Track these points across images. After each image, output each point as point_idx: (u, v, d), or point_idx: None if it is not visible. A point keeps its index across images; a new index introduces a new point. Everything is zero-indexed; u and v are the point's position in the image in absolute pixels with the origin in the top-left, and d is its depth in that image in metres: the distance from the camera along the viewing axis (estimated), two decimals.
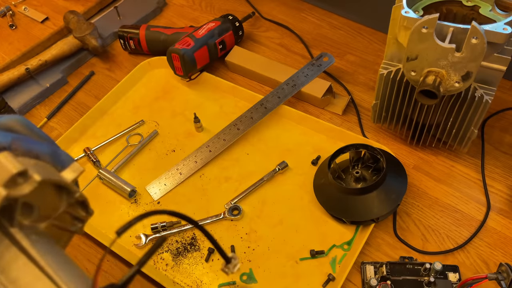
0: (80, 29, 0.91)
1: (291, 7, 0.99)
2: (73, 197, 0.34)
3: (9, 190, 0.28)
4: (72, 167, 0.34)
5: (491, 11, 0.61)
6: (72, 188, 0.33)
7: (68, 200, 0.34)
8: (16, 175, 0.28)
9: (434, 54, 0.56)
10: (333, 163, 0.66)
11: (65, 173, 0.33)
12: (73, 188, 0.33)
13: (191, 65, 0.81)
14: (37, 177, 0.29)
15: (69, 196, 0.34)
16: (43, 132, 0.37)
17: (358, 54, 0.89)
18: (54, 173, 0.32)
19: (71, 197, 0.34)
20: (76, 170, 0.34)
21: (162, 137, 0.79)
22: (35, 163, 0.31)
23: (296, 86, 0.79)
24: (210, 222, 0.67)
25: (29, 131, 0.35)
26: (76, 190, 0.34)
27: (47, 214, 0.32)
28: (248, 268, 0.63)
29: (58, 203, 0.33)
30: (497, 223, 0.65)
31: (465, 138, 0.67)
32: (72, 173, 0.33)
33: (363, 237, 0.63)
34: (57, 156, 0.34)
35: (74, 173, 0.34)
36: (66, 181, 0.33)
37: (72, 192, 0.34)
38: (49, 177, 0.30)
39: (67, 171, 0.34)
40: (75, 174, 0.34)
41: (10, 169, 0.28)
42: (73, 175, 0.33)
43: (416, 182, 0.70)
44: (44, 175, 0.30)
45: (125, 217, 0.69)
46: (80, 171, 0.34)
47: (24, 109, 0.85)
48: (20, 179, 0.28)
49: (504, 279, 0.49)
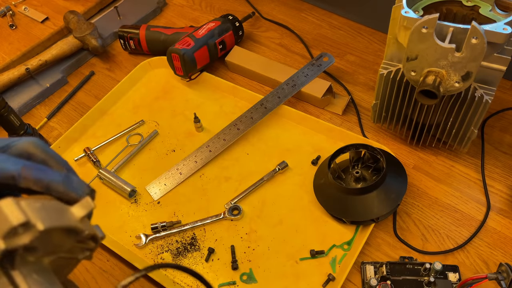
0: (80, 29, 0.91)
1: (291, 7, 0.99)
2: (81, 236, 0.32)
3: (8, 241, 0.26)
4: (82, 203, 0.32)
5: (491, 11, 0.61)
6: (80, 228, 0.32)
7: (76, 238, 0.32)
8: (17, 227, 0.27)
9: (434, 54, 0.56)
10: (333, 163, 0.66)
11: (74, 209, 0.32)
12: (81, 228, 0.32)
13: (191, 65, 0.81)
14: (40, 226, 0.28)
15: (77, 234, 0.32)
16: (59, 156, 0.35)
17: (358, 54, 0.89)
18: (62, 217, 0.30)
19: (79, 236, 0.32)
20: (86, 207, 0.32)
21: (162, 137, 0.79)
22: (41, 205, 0.29)
23: (296, 86, 0.79)
24: (210, 222, 0.67)
25: (44, 154, 0.34)
26: (84, 229, 0.32)
27: (53, 251, 0.31)
28: (248, 268, 0.63)
29: (64, 241, 0.32)
30: (497, 223, 0.65)
31: (465, 138, 0.67)
32: (81, 210, 0.32)
33: (363, 237, 0.63)
34: (70, 184, 0.33)
35: (84, 209, 0.32)
36: (73, 225, 0.31)
37: (80, 232, 0.32)
38: (54, 224, 0.29)
39: (77, 207, 0.32)
40: (84, 211, 0.32)
41: (11, 220, 0.27)
42: (82, 212, 0.32)
43: (416, 182, 0.70)
44: (48, 223, 0.28)
45: (125, 217, 0.69)
46: (90, 207, 0.32)
47: (24, 109, 0.85)
48: (21, 229, 0.27)
49: (504, 279, 0.49)
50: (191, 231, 0.67)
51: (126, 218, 0.69)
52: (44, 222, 0.28)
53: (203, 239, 0.66)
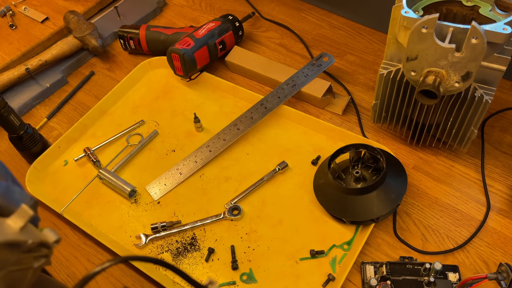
0: (80, 29, 0.91)
1: (291, 7, 0.99)
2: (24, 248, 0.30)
3: None
4: (19, 212, 0.30)
5: (491, 11, 0.61)
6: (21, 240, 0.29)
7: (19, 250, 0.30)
8: None
9: (434, 54, 0.56)
10: (333, 163, 0.66)
11: (10, 220, 0.29)
12: (22, 240, 0.29)
13: (191, 65, 0.81)
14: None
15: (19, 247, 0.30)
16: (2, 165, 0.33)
17: (358, 54, 0.89)
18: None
19: (22, 247, 0.30)
20: (24, 216, 0.30)
21: (162, 137, 0.79)
22: None
23: (296, 86, 0.79)
24: (210, 222, 0.67)
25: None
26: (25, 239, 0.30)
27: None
28: (248, 268, 0.63)
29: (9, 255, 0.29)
30: (497, 223, 0.65)
31: (465, 138, 0.67)
32: (18, 220, 0.29)
33: (363, 237, 0.63)
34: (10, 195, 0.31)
35: (21, 219, 0.30)
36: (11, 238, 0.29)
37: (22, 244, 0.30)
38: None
39: (13, 218, 0.29)
40: (22, 221, 0.30)
41: None
42: (20, 222, 0.30)
43: (416, 182, 0.70)
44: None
45: (125, 217, 0.69)
46: (28, 216, 0.30)
47: (24, 109, 0.85)
48: None
49: (504, 279, 0.49)
50: (191, 231, 0.67)
51: (126, 218, 0.69)
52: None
53: (203, 239, 0.66)
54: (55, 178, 0.74)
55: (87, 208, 0.71)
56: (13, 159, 0.79)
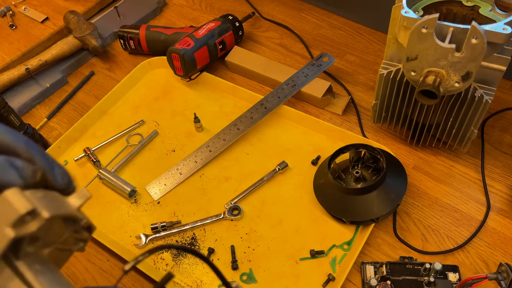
0: (80, 29, 0.91)
1: (291, 7, 0.99)
2: (79, 225, 0.33)
3: (17, 230, 0.27)
4: (79, 193, 0.33)
5: (491, 11, 0.61)
6: (79, 217, 0.33)
7: (73, 227, 0.33)
8: (25, 215, 0.27)
9: (434, 54, 0.56)
10: (333, 163, 0.66)
11: (71, 198, 0.33)
12: (79, 217, 0.33)
13: (191, 65, 0.81)
14: (46, 214, 0.28)
15: (74, 224, 0.33)
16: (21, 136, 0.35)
17: (358, 54, 0.89)
18: (62, 205, 0.31)
19: (77, 224, 0.33)
20: (83, 197, 0.33)
21: (162, 137, 0.79)
22: (43, 195, 0.30)
23: (296, 86, 0.79)
24: (210, 222, 0.67)
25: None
26: (82, 217, 0.33)
27: (51, 241, 0.31)
28: (248, 268, 0.63)
29: (63, 230, 0.32)
30: (497, 223, 0.65)
31: (465, 138, 0.67)
32: (78, 200, 0.33)
33: (363, 237, 0.63)
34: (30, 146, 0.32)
35: (81, 199, 0.33)
36: (73, 213, 0.32)
37: (78, 220, 0.33)
38: (57, 213, 0.29)
39: (74, 197, 0.33)
40: (81, 201, 0.33)
41: (18, 208, 0.27)
42: (79, 201, 0.33)
43: (416, 182, 0.70)
44: (52, 211, 0.29)
45: (125, 217, 0.69)
46: (87, 197, 0.33)
47: (24, 109, 0.85)
48: (28, 217, 0.28)
49: (504, 279, 0.49)
50: (191, 231, 0.67)
51: (126, 218, 0.69)
52: (49, 210, 0.29)
53: (203, 239, 0.66)
54: None
55: (87, 208, 0.71)
56: None
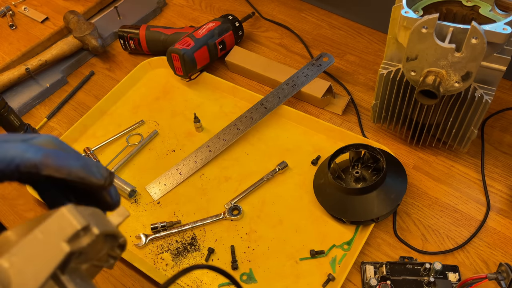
0: (80, 29, 0.91)
1: (291, 7, 0.99)
2: (117, 242, 0.34)
3: (71, 245, 0.28)
4: (118, 211, 0.35)
5: (491, 11, 0.61)
6: (119, 235, 0.34)
7: (111, 244, 0.34)
8: (80, 230, 0.29)
9: (434, 54, 0.56)
10: (333, 163, 0.66)
11: (112, 217, 0.34)
12: (119, 234, 0.34)
13: (191, 65, 0.81)
14: (96, 231, 0.30)
15: (113, 240, 0.34)
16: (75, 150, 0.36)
17: (358, 54, 0.89)
18: (107, 223, 0.33)
19: (115, 241, 0.34)
20: (122, 215, 0.35)
21: (162, 137, 0.79)
22: (91, 212, 0.31)
23: (296, 86, 0.79)
24: (210, 222, 0.67)
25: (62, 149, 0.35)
26: (121, 235, 0.34)
27: (91, 256, 0.32)
28: (248, 268, 0.63)
29: (103, 247, 0.33)
30: (497, 223, 0.65)
31: (465, 138, 0.67)
32: (118, 218, 0.34)
33: (363, 237, 0.63)
34: (89, 168, 0.34)
35: (120, 217, 0.35)
36: (116, 231, 0.33)
37: (118, 238, 0.34)
38: (105, 229, 0.31)
39: (114, 215, 0.34)
40: (121, 219, 0.34)
41: (75, 224, 0.28)
42: (119, 219, 0.34)
43: (416, 182, 0.70)
44: (101, 228, 0.30)
45: None
46: (125, 215, 0.35)
47: (24, 109, 0.85)
48: (82, 232, 0.29)
49: (504, 279, 0.49)
50: (191, 231, 0.67)
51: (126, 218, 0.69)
52: (98, 226, 0.30)
53: (203, 239, 0.66)
54: None
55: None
56: None
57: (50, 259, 0.27)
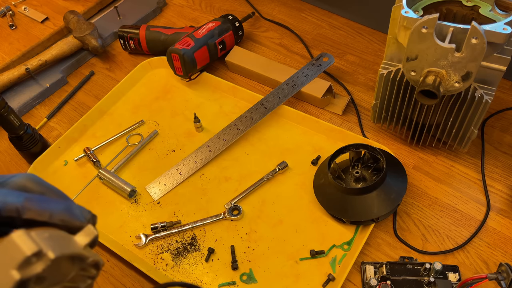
0: (80, 29, 0.91)
1: (291, 7, 0.99)
2: (85, 263, 0.33)
3: (22, 272, 0.27)
4: (85, 231, 0.33)
5: (491, 11, 0.61)
6: (85, 255, 0.33)
7: (80, 265, 0.33)
8: (30, 256, 0.28)
9: (434, 54, 0.56)
10: (333, 163, 0.66)
11: (78, 237, 0.33)
12: (86, 255, 0.33)
13: (191, 65, 0.81)
14: (51, 255, 0.29)
15: (82, 262, 0.33)
16: (55, 188, 0.36)
17: (358, 54, 0.89)
18: (68, 245, 0.32)
19: (83, 262, 0.33)
20: (90, 234, 0.33)
21: (162, 137, 0.79)
22: (49, 235, 0.30)
23: (296, 86, 0.79)
24: (210, 222, 0.67)
25: (42, 187, 0.35)
26: (88, 255, 0.33)
27: (59, 280, 0.32)
28: (248, 268, 0.63)
29: (70, 269, 0.33)
30: (497, 223, 0.65)
31: (465, 138, 0.67)
32: (85, 238, 0.33)
33: (363, 237, 0.63)
34: (71, 211, 0.34)
35: (87, 237, 0.33)
36: (80, 252, 0.32)
37: (85, 259, 0.33)
38: (63, 252, 0.30)
39: (80, 235, 0.33)
40: (88, 239, 0.33)
41: (24, 250, 0.28)
42: (86, 239, 0.33)
43: (416, 182, 0.70)
44: (58, 251, 0.29)
45: (125, 217, 0.69)
46: (93, 235, 0.34)
47: (24, 109, 0.85)
48: (33, 258, 0.28)
49: (504, 279, 0.49)
50: (191, 231, 0.67)
51: (126, 218, 0.69)
52: (54, 250, 0.29)
53: (203, 239, 0.66)
54: (55, 178, 0.74)
55: (87, 208, 0.70)
56: (13, 159, 0.79)
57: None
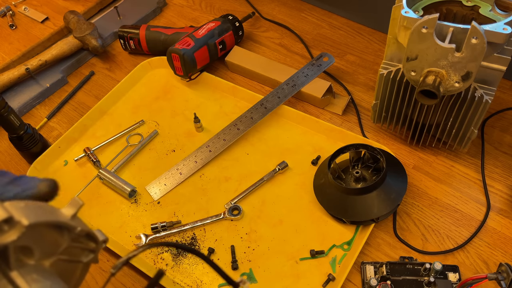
0: (80, 29, 0.91)
1: (291, 7, 0.99)
2: (75, 233, 0.33)
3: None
4: (72, 202, 0.33)
5: (491, 11, 0.61)
6: (70, 225, 0.32)
7: (69, 236, 0.33)
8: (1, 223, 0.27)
9: (434, 54, 0.56)
10: (333, 163, 0.66)
11: (64, 209, 0.33)
12: (71, 224, 0.32)
13: (191, 65, 0.81)
14: (25, 221, 0.28)
15: (69, 232, 0.33)
16: None
17: (358, 54, 0.89)
18: (47, 214, 0.31)
19: (72, 232, 0.33)
20: (76, 205, 0.33)
21: (162, 137, 0.79)
22: (25, 205, 0.30)
23: (296, 86, 0.79)
24: (210, 222, 0.67)
25: None
26: (75, 225, 0.33)
27: (50, 251, 0.31)
28: (248, 268, 0.63)
29: (59, 240, 0.32)
30: (497, 223, 0.65)
31: (465, 138, 0.67)
32: (71, 209, 0.33)
33: (363, 237, 0.63)
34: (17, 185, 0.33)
35: (73, 208, 0.33)
36: (61, 220, 0.32)
37: (72, 228, 0.33)
38: (39, 220, 0.29)
39: (66, 207, 0.33)
40: (74, 209, 0.33)
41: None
42: (72, 210, 0.33)
43: (416, 182, 0.70)
44: (33, 219, 0.29)
45: (125, 217, 0.69)
46: (79, 205, 0.33)
47: (24, 109, 0.85)
48: (5, 226, 0.28)
49: (504, 279, 0.49)
50: (191, 231, 0.67)
51: (126, 218, 0.69)
52: (29, 218, 0.29)
53: (203, 239, 0.66)
54: (55, 178, 0.74)
55: (87, 208, 0.71)
56: (13, 159, 0.79)
57: None
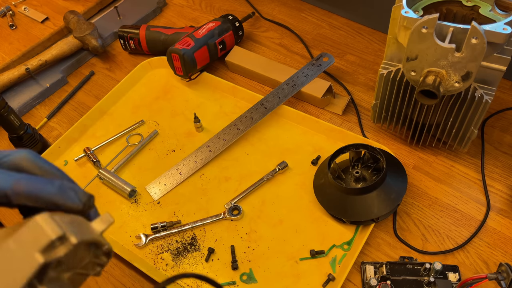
0: (80, 29, 0.91)
1: (291, 7, 0.99)
2: (101, 250, 0.34)
3: (45, 255, 0.27)
4: (102, 218, 0.33)
5: (491, 11, 0.61)
6: (102, 242, 0.33)
7: (95, 252, 0.33)
8: (55, 240, 0.28)
9: (434, 54, 0.56)
10: (333, 163, 0.66)
11: (94, 223, 0.33)
12: (102, 242, 0.33)
13: (191, 65, 0.81)
14: (74, 240, 0.29)
15: (97, 248, 0.33)
16: (53, 166, 0.35)
17: (358, 54, 0.89)
18: (88, 231, 0.32)
19: (98, 249, 0.33)
20: (106, 222, 0.33)
21: (162, 137, 0.79)
22: (70, 220, 0.30)
23: (296, 86, 0.79)
24: (210, 222, 0.67)
25: (37, 167, 0.33)
26: (105, 243, 0.33)
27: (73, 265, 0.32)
28: (248, 268, 0.63)
29: (85, 255, 0.33)
30: (497, 223, 0.65)
31: (465, 138, 0.67)
32: (101, 225, 0.33)
33: (363, 237, 0.63)
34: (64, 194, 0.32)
35: (104, 224, 0.33)
36: (98, 239, 0.32)
37: (101, 246, 0.33)
38: (84, 238, 0.30)
39: (97, 222, 0.33)
40: (104, 226, 0.33)
41: (49, 234, 0.27)
42: (103, 227, 0.33)
43: (416, 182, 0.70)
44: (79, 237, 0.29)
45: (125, 217, 0.69)
46: (109, 222, 0.33)
47: (24, 109, 0.85)
48: (57, 242, 0.28)
49: (504, 279, 0.49)
50: (191, 231, 0.67)
51: (126, 218, 0.69)
52: (76, 235, 0.29)
53: (203, 239, 0.66)
54: None
55: None
56: None
57: (23, 270, 0.26)
